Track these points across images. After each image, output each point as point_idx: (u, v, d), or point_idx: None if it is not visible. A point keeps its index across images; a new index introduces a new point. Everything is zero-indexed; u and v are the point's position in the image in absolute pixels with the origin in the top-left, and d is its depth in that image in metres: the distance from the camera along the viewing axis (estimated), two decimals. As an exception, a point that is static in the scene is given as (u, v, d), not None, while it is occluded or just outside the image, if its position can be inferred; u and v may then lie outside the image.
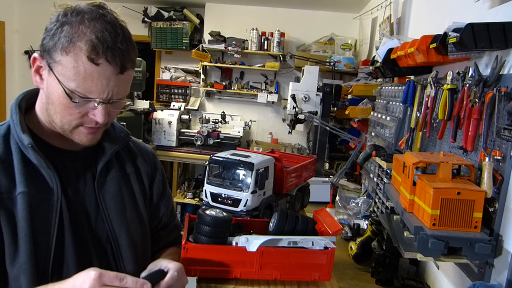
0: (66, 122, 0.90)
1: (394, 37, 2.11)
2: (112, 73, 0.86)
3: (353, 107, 2.85)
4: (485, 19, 1.19)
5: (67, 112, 0.88)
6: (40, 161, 0.89)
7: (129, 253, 1.01)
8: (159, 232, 1.18)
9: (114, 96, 0.89)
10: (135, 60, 0.93)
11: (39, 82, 0.90)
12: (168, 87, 5.04)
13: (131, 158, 1.10)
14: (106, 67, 0.84)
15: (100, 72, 0.84)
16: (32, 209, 0.86)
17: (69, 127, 0.90)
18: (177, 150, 4.42)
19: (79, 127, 0.91)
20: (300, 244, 1.18)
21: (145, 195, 1.11)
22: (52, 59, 0.85)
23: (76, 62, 0.83)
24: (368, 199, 2.29)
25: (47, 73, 0.87)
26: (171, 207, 1.23)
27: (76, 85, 0.84)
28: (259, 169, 1.52)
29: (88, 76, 0.84)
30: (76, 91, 0.85)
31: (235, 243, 1.17)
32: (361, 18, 4.16)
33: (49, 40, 0.85)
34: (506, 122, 1.02)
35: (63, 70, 0.84)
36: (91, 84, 0.84)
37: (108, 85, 0.86)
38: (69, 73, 0.84)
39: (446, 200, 1.01)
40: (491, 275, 1.09)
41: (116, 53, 0.85)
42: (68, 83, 0.84)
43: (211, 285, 1.14)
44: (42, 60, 0.87)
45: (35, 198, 0.87)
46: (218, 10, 4.88)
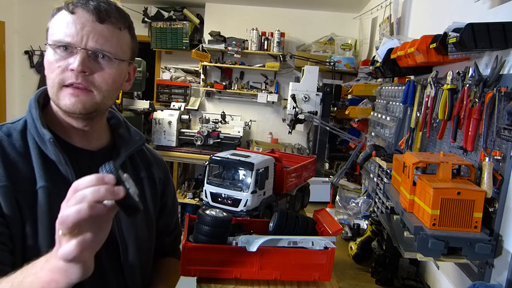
0: (50, 84, 0.88)
1: (394, 37, 2.11)
2: (88, 20, 0.87)
3: (353, 107, 2.85)
4: (485, 19, 1.19)
5: (51, 69, 0.87)
6: (59, 156, 0.88)
7: (135, 255, 1.01)
8: (164, 238, 1.19)
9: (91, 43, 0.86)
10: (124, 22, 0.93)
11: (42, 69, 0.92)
12: (168, 87, 5.04)
13: (145, 164, 1.10)
14: (81, 14, 0.87)
15: (75, 18, 0.86)
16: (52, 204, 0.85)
17: (54, 90, 0.88)
18: (177, 150, 4.42)
19: (63, 88, 0.87)
20: (300, 244, 1.18)
21: (156, 202, 1.11)
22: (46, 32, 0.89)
23: (58, 19, 0.87)
24: (368, 199, 2.29)
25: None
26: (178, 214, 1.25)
27: (55, 36, 0.86)
28: (259, 169, 1.52)
29: (65, 23, 0.86)
30: (54, 40, 0.86)
31: (235, 243, 1.17)
32: (361, 18, 4.16)
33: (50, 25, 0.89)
34: (506, 122, 1.02)
35: (50, 32, 0.88)
36: (66, 29, 0.86)
37: (83, 29, 0.86)
38: (54, 30, 0.87)
39: (446, 200, 1.01)
40: (491, 275, 1.09)
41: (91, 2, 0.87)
42: (51, 38, 0.87)
43: (211, 285, 1.14)
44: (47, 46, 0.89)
45: (54, 193, 0.86)
46: (218, 10, 4.89)
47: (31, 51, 5.36)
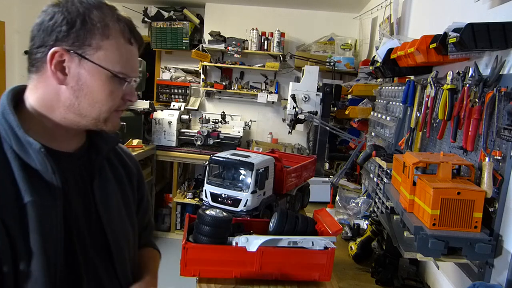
0: (106, 109, 0.88)
1: (394, 37, 2.11)
2: (137, 52, 0.92)
3: (353, 107, 2.85)
4: (485, 19, 1.19)
5: (111, 97, 0.87)
6: (47, 166, 0.82)
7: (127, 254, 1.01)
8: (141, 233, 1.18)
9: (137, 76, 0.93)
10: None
11: (62, 78, 0.83)
12: (168, 87, 5.04)
13: (120, 161, 1.09)
14: (135, 47, 0.90)
15: (134, 51, 0.90)
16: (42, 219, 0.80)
17: (106, 115, 0.89)
18: (177, 150, 4.42)
19: (114, 112, 0.90)
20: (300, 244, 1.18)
21: (134, 197, 1.11)
22: (87, 48, 0.83)
23: (118, 44, 0.85)
24: (368, 199, 2.29)
25: (77, 65, 0.83)
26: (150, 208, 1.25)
27: (121, 67, 0.86)
28: (259, 169, 1.52)
29: (129, 56, 0.88)
30: (122, 73, 0.87)
31: (235, 243, 1.17)
32: (361, 18, 4.16)
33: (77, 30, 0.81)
34: (506, 122, 1.02)
35: (107, 54, 0.84)
36: (131, 63, 0.89)
37: (137, 64, 0.92)
38: (113, 56, 0.85)
39: (446, 200, 1.01)
40: (491, 275, 1.09)
41: (139, 34, 0.91)
42: (113, 66, 0.85)
43: (211, 285, 1.14)
44: (66, 53, 0.82)
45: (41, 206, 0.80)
46: (218, 10, 4.89)
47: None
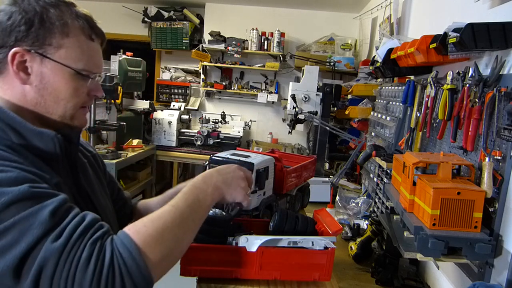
0: (71, 106, 0.90)
1: (394, 37, 2.11)
2: (99, 48, 0.94)
3: (353, 107, 2.85)
4: (485, 19, 1.19)
5: (76, 94, 0.90)
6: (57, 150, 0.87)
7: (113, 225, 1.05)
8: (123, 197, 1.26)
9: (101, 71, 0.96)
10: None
11: (24, 78, 0.85)
12: (168, 87, 5.04)
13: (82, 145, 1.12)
14: (97, 43, 0.93)
15: (96, 47, 0.92)
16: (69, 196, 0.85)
17: (72, 111, 0.91)
18: (177, 150, 4.42)
19: (80, 108, 0.93)
20: (300, 244, 1.18)
21: (105, 177, 1.17)
22: (48, 47, 0.84)
23: (79, 42, 0.87)
24: (368, 199, 2.29)
25: (39, 64, 0.84)
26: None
27: (84, 64, 0.88)
28: (259, 169, 1.52)
29: (91, 52, 0.90)
30: (85, 69, 0.89)
31: (235, 243, 1.17)
32: (361, 18, 4.16)
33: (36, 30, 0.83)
34: (506, 122, 1.02)
35: (68, 52, 0.86)
36: (94, 59, 0.91)
37: (100, 59, 0.94)
38: (75, 53, 0.87)
39: (446, 200, 1.01)
40: (491, 275, 1.09)
41: (100, 29, 0.93)
42: (76, 64, 0.87)
43: (211, 285, 1.14)
44: (27, 53, 0.83)
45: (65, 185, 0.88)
46: (218, 10, 4.89)
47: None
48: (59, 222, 0.71)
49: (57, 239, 0.69)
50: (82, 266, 0.68)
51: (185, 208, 0.85)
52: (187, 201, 0.88)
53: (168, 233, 0.79)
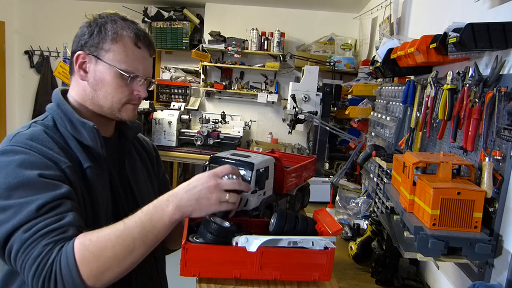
0: (116, 101, 1.09)
1: (394, 37, 2.11)
2: (147, 56, 1.12)
3: (353, 107, 2.85)
4: (485, 19, 1.19)
5: (119, 90, 1.08)
6: (97, 141, 1.06)
7: None
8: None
9: (148, 74, 1.13)
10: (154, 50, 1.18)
11: (83, 75, 1.08)
12: (168, 87, 5.04)
13: (142, 146, 1.34)
14: (144, 51, 1.10)
15: (142, 54, 1.10)
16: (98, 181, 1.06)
17: (118, 105, 1.10)
18: (177, 150, 4.42)
19: (126, 104, 1.11)
20: (300, 244, 1.18)
21: (155, 174, 1.36)
22: (100, 51, 1.05)
23: (125, 47, 1.06)
24: (368, 199, 2.29)
25: (94, 64, 1.07)
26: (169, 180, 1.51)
27: (126, 66, 1.07)
28: (259, 169, 1.52)
29: (135, 57, 1.08)
30: (127, 70, 1.07)
31: (235, 243, 1.17)
32: (361, 18, 4.16)
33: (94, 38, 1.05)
34: (506, 122, 1.02)
35: (115, 55, 1.06)
36: (137, 63, 1.08)
37: (145, 63, 1.11)
38: (120, 57, 1.06)
39: (446, 200, 1.01)
40: (491, 275, 1.09)
41: (148, 40, 1.11)
42: (120, 65, 1.06)
43: (211, 285, 1.14)
44: (86, 56, 1.06)
45: (96, 172, 1.05)
46: (218, 10, 4.89)
47: (31, 51, 5.36)
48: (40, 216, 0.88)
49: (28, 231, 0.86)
50: (31, 262, 0.85)
51: (134, 229, 0.91)
52: (139, 221, 0.92)
53: (109, 251, 0.88)
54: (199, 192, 0.97)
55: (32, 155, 0.94)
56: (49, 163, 0.95)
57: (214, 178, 1.00)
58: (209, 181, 0.99)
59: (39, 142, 0.98)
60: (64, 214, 0.90)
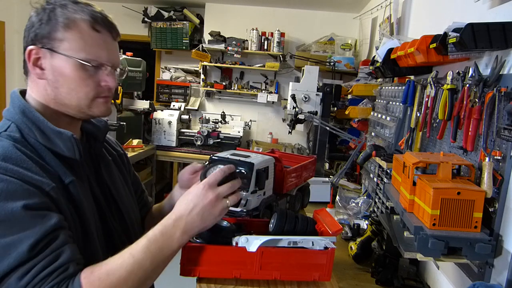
0: (83, 96, 0.94)
1: (394, 37, 2.11)
2: (110, 40, 0.96)
3: (353, 107, 2.85)
4: (485, 19, 1.19)
5: (83, 84, 0.93)
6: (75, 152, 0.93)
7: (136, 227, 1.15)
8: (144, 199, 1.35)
9: (116, 61, 0.98)
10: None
11: (40, 73, 0.92)
12: (168, 87, 5.04)
13: (111, 146, 1.22)
14: (105, 34, 0.94)
15: (103, 38, 0.94)
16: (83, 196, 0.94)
17: (86, 101, 0.95)
18: (177, 150, 4.42)
19: (96, 99, 0.96)
20: (300, 244, 1.18)
21: (128, 173, 1.25)
22: (53, 41, 0.90)
23: (81, 33, 0.91)
24: (368, 199, 2.29)
25: (49, 59, 0.91)
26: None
27: (86, 53, 0.91)
28: (259, 169, 1.52)
29: (95, 43, 0.92)
30: (87, 59, 0.91)
31: (235, 243, 1.17)
32: (361, 18, 4.17)
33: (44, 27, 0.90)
34: (506, 122, 1.02)
35: (70, 44, 0.90)
36: (98, 49, 0.93)
37: (109, 49, 0.95)
38: (76, 44, 0.90)
39: (446, 200, 1.01)
40: (491, 275, 1.09)
41: (108, 21, 0.95)
42: (78, 54, 0.90)
43: (211, 285, 1.14)
44: (40, 50, 0.90)
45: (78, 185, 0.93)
46: (218, 10, 4.89)
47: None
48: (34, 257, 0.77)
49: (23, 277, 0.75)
50: None
51: (145, 261, 0.85)
52: (148, 252, 0.86)
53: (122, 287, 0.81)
54: (202, 210, 0.93)
55: (10, 182, 0.79)
56: (31, 189, 0.81)
57: (211, 190, 0.95)
58: (207, 195, 0.94)
59: (13, 162, 0.82)
60: (60, 249, 0.80)
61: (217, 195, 0.95)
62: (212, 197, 0.94)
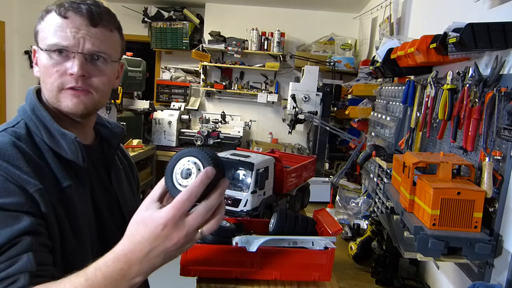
0: (49, 88, 0.90)
1: (394, 37, 2.11)
2: (82, 24, 0.88)
3: (353, 107, 2.85)
4: (485, 19, 1.19)
5: (48, 74, 0.89)
6: (78, 155, 0.89)
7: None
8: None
9: (87, 47, 0.88)
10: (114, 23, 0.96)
11: (36, 70, 0.93)
12: (168, 87, 5.04)
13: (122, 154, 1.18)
14: (74, 19, 0.88)
15: (69, 23, 0.88)
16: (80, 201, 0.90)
17: (53, 93, 0.90)
18: (177, 150, 4.41)
19: (62, 90, 0.89)
20: (300, 244, 1.18)
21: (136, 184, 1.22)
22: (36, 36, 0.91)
23: (49, 22, 0.88)
24: (368, 199, 2.29)
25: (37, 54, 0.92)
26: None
27: (49, 40, 0.88)
28: (259, 169, 1.52)
29: (58, 28, 0.87)
30: (48, 45, 0.88)
31: (235, 243, 1.17)
32: (361, 18, 4.16)
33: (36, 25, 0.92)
34: (506, 122, 1.02)
35: (42, 35, 0.90)
36: (60, 33, 0.87)
37: (78, 33, 0.87)
38: (44, 34, 0.89)
39: (446, 200, 1.01)
40: (491, 275, 1.09)
41: (82, 6, 0.89)
42: (43, 43, 0.89)
43: (211, 285, 1.14)
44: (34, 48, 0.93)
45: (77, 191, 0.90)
46: (218, 10, 4.89)
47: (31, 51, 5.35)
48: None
49: None
50: None
51: None
52: None
53: None
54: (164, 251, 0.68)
55: None
56: (13, 187, 0.78)
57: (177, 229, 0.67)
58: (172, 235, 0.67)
59: (5, 158, 0.80)
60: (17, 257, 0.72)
61: (186, 234, 0.67)
62: (179, 237, 0.67)
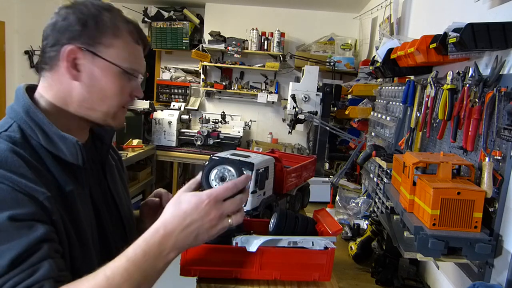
0: (114, 104, 0.93)
1: (394, 37, 2.11)
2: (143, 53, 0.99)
3: (353, 107, 2.85)
4: (485, 19, 1.19)
5: (120, 92, 0.93)
6: (79, 158, 0.88)
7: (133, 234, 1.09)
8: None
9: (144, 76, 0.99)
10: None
11: (76, 74, 0.88)
12: (168, 87, 5.05)
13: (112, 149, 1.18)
14: (141, 47, 0.97)
15: (141, 51, 0.97)
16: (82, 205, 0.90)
17: (115, 109, 0.94)
18: (177, 150, 4.42)
19: (122, 108, 0.96)
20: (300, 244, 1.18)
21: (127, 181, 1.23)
22: (99, 46, 0.89)
23: (126, 43, 0.92)
24: (368, 199, 2.29)
25: (90, 62, 0.89)
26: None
27: (130, 63, 0.92)
28: (259, 169, 1.52)
29: (137, 54, 0.95)
30: (131, 69, 0.93)
31: (235, 243, 1.17)
32: (361, 18, 4.17)
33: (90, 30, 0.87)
34: (506, 122, 1.02)
35: (117, 52, 0.90)
36: (139, 61, 0.96)
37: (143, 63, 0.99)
38: (123, 54, 0.91)
39: (446, 200, 1.01)
40: (491, 275, 1.09)
41: (145, 38, 0.99)
42: (123, 63, 0.91)
43: (211, 285, 1.14)
44: (80, 51, 0.87)
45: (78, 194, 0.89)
46: (218, 10, 4.89)
47: (31, 51, 5.36)
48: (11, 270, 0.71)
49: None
50: None
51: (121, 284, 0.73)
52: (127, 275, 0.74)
53: None
54: (199, 228, 0.79)
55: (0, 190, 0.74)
56: (21, 196, 0.75)
57: (216, 207, 0.81)
58: (210, 212, 0.79)
59: (8, 168, 0.77)
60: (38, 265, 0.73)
61: (221, 214, 0.81)
62: (215, 215, 0.80)
